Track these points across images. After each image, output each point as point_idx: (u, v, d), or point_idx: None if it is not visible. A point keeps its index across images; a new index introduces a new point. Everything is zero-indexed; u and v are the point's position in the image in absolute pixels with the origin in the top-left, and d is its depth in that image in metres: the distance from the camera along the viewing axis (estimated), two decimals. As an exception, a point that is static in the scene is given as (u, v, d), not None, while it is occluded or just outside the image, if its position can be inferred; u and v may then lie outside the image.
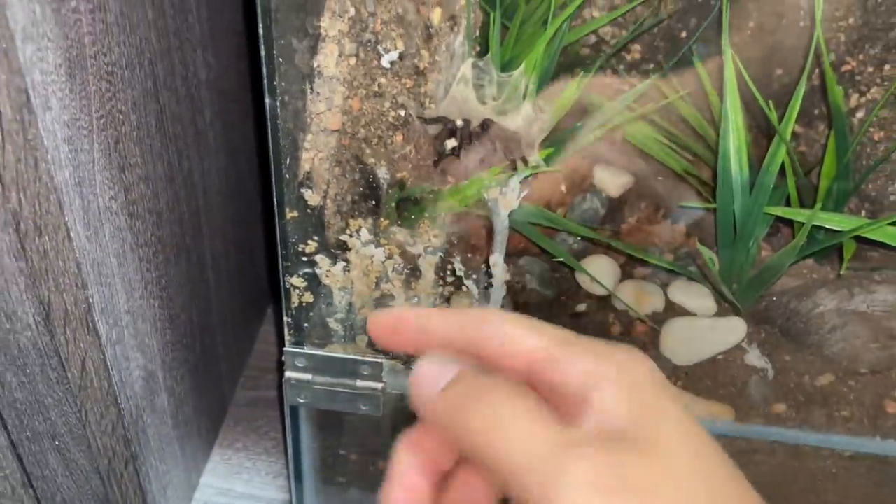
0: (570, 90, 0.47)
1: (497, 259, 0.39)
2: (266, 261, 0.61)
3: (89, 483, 0.44)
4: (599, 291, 0.49)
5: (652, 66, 0.61)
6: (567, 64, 0.58)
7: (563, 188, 0.55)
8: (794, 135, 0.59)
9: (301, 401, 0.44)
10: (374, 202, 0.39)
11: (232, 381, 0.61)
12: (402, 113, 0.43)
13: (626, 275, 0.51)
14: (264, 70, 0.33)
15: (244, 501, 0.54)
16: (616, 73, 0.61)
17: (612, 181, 0.54)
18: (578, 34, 0.58)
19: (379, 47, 0.41)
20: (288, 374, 0.43)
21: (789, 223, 0.48)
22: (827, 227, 0.44)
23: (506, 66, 0.48)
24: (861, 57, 0.54)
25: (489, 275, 0.40)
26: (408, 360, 0.43)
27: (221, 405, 0.59)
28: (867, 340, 0.45)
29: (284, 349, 0.42)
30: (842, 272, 0.46)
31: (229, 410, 0.60)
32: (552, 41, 0.49)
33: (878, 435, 0.43)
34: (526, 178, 0.48)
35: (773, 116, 0.43)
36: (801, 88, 0.42)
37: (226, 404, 0.60)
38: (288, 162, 0.36)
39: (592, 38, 0.62)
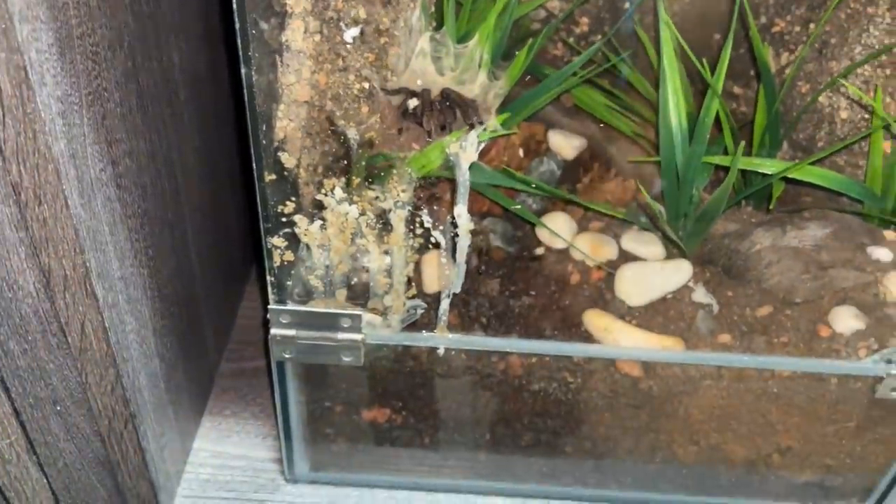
0: (520, 58, 0.51)
1: (461, 210, 0.43)
2: (243, 233, 0.64)
3: (90, 446, 0.47)
4: (559, 244, 0.53)
5: (599, 36, 0.65)
6: (520, 38, 0.62)
7: (522, 153, 0.59)
8: (734, 95, 0.64)
9: (287, 356, 0.48)
10: (345, 163, 0.42)
11: (217, 352, 0.64)
12: (367, 86, 0.46)
13: (582, 228, 0.55)
14: (239, 42, 0.36)
15: (237, 462, 0.57)
16: (566, 44, 0.65)
17: (566, 144, 0.58)
18: (528, 7, 0.62)
19: (341, 24, 0.44)
20: (273, 330, 0.46)
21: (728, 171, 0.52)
22: (759, 171, 0.49)
23: (462, 39, 0.52)
24: (789, 18, 0.59)
25: (454, 225, 0.44)
26: (385, 311, 0.47)
27: (209, 374, 0.62)
28: (800, 273, 0.49)
29: (269, 306, 0.45)
30: (771, 208, 0.50)
31: (216, 380, 0.63)
32: (503, 14, 0.53)
33: (813, 356, 0.48)
34: (484, 142, 0.52)
35: (707, 73, 0.47)
36: (728, 46, 0.46)
37: (213, 374, 0.63)
38: (264, 129, 0.39)
39: (543, 14, 0.66)
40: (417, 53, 0.49)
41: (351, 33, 0.45)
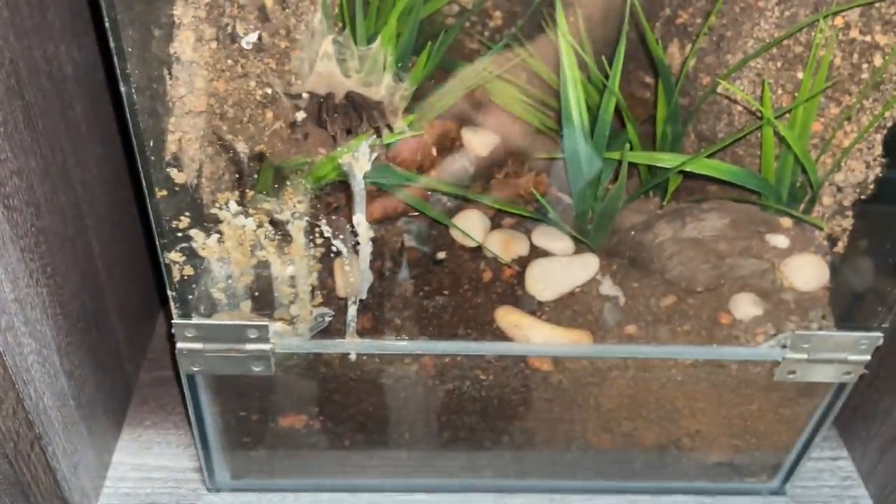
0: (423, 59, 0.51)
1: (359, 218, 0.43)
2: (146, 245, 0.63)
3: (-2, 469, 0.46)
4: (471, 243, 0.54)
5: (513, 29, 0.65)
6: (434, 34, 0.62)
7: (435, 151, 0.59)
8: (648, 86, 0.65)
9: (195, 369, 0.47)
10: (238, 176, 0.42)
11: (135, 364, 0.63)
12: (269, 91, 0.46)
13: (495, 225, 0.55)
14: (115, 60, 0.35)
15: (158, 473, 0.57)
16: (480, 41, 0.65)
17: (479, 141, 0.58)
18: (434, 6, 0.62)
19: (237, 30, 0.43)
20: (179, 344, 0.46)
21: (636, 165, 0.53)
22: (656, 165, 0.50)
23: (371, 40, 0.51)
24: (690, 10, 0.60)
25: (355, 233, 0.44)
26: (292, 320, 0.47)
27: (126, 387, 0.61)
28: (700, 263, 0.51)
29: (173, 321, 0.45)
30: (664, 203, 0.51)
31: (135, 391, 0.62)
32: (409, 14, 0.53)
33: (714, 343, 0.49)
34: (393, 143, 0.52)
35: (603, 71, 0.48)
36: (622, 43, 0.47)
37: (130, 386, 0.62)
38: (153, 144, 0.39)
39: (457, 8, 0.66)
40: (321, 56, 0.49)
41: (249, 39, 0.44)
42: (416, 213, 0.55)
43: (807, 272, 0.50)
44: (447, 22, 0.63)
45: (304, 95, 0.45)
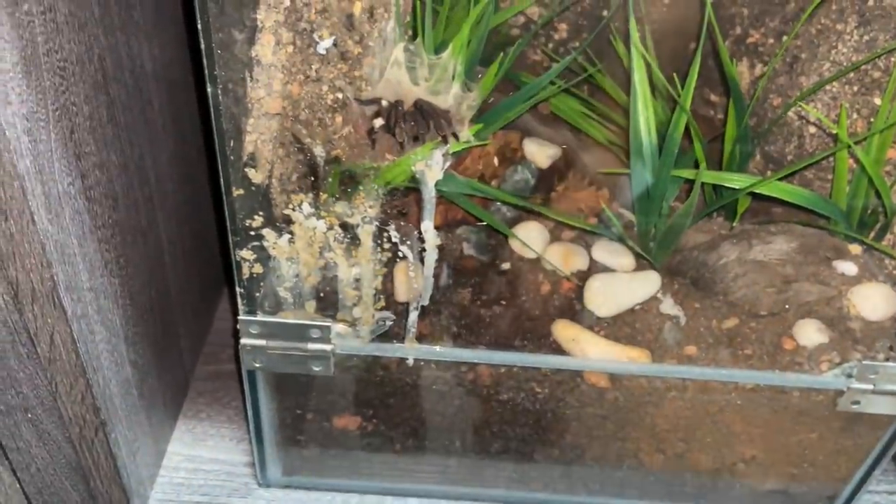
0: (493, 69, 0.51)
1: (427, 225, 0.43)
2: (219, 242, 0.65)
3: (62, 452, 0.47)
4: (530, 254, 0.54)
5: (577, 43, 0.65)
6: (499, 44, 0.62)
7: (496, 161, 0.59)
8: (712, 103, 0.64)
9: (257, 365, 0.48)
10: (313, 178, 0.42)
11: (193, 356, 0.64)
12: (340, 96, 0.47)
13: (554, 238, 0.55)
14: (204, 61, 0.36)
15: (210, 465, 0.58)
16: (544, 52, 0.66)
17: (541, 153, 0.58)
18: (504, 16, 0.62)
19: (314, 35, 0.44)
20: (243, 340, 0.47)
21: (703, 184, 0.53)
22: (726, 185, 0.49)
23: (439, 49, 0.52)
24: (762, 30, 0.59)
25: (422, 240, 0.44)
26: (354, 323, 0.47)
27: (184, 378, 0.62)
28: (765, 286, 0.50)
29: (239, 317, 0.46)
30: (734, 224, 0.51)
31: (192, 384, 0.63)
32: (479, 24, 0.53)
33: (776, 368, 0.49)
34: (458, 152, 0.52)
35: (676, 89, 0.47)
36: (697, 63, 0.47)
37: (188, 378, 0.63)
38: (232, 144, 0.40)
39: (522, 20, 0.67)
40: (392, 64, 0.50)
41: (324, 45, 0.45)
42: (477, 222, 0.56)
43: (875, 301, 0.49)
44: (512, 32, 0.64)
45: (384, 102, 0.46)
